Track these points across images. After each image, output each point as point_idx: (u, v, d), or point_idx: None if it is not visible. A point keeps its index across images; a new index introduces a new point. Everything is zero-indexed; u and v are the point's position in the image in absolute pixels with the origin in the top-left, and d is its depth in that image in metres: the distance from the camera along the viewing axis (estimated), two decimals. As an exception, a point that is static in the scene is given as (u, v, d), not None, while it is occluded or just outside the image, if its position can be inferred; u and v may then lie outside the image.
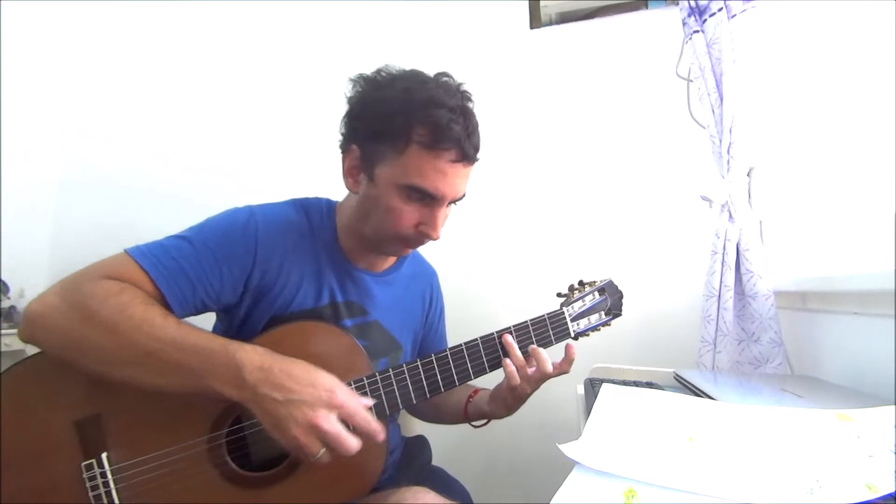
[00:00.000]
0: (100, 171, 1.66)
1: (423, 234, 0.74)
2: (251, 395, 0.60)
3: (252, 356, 0.61)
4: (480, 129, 0.75)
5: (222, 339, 0.63)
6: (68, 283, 0.65)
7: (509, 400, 0.79)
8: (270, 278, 0.74)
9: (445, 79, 0.75)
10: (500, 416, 0.83)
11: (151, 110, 1.67)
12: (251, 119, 1.61)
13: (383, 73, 0.75)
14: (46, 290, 0.65)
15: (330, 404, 0.60)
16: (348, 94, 0.77)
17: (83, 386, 0.65)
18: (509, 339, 0.75)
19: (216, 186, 1.59)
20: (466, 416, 0.88)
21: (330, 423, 0.59)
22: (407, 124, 0.70)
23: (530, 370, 0.75)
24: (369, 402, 0.66)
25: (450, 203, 0.75)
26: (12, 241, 1.49)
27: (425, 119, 0.69)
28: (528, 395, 0.78)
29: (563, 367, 0.76)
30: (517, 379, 0.75)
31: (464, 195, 0.76)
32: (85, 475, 0.63)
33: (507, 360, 0.75)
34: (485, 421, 0.87)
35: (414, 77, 0.74)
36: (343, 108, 0.78)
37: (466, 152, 0.72)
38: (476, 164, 0.76)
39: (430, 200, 0.73)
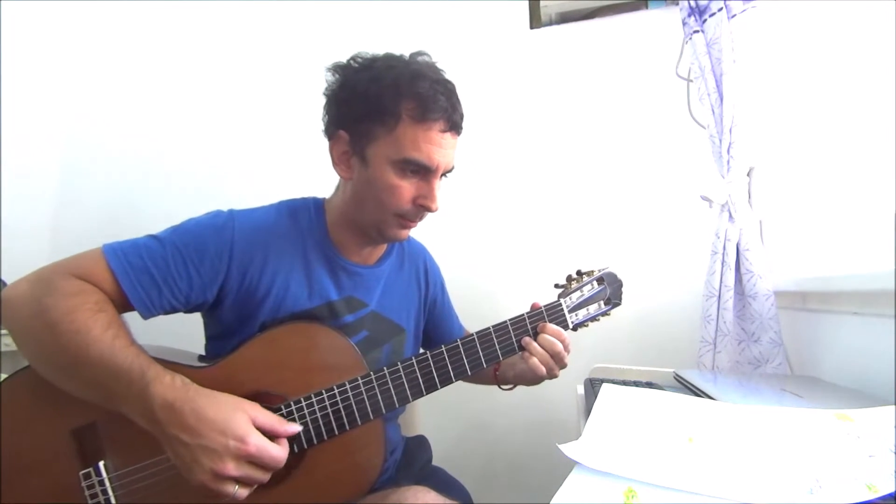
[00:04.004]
0: (101, 160, 1.65)
1: (422, 207, 0.75)
2: (160, 432, 0.59)
3: (165, 391, 0.59)
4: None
5: (146, 363, 0.61)
6: (41, 273, 0.65)
7: (533, 381, 0.81)
8: (252, 281, 0.74)
9: (423, 56, 0.78)
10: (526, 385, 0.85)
11: (154, 94, 1.66)
12: (255, 103, 1.60)
13: (358, 59, 0.77)
14: (23, 277, 0.65)
15: (237, 454, 0.58)
16: (328, 81, 0.78)
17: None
18: (530, 341, 0.76)
19: (219, 172, 1.58)
20: (496, 380, 0.89)
21: (238, 469, 0.59)
22: (396, 100, 0.71)
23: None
24: (296, 428, 0.65)
25: (442, 175, 0.77)
26: (12, 235, 1.48)
27: (413, 93, 0.71)
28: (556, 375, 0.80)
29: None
30: (550, 372, 0.78)
31: (454, 167, 0.78)
32: (83, 483, 0.63)
33: (536, 361, 0.76)
34: (512, 386, 0.88)
35: (392, 57, 0.77)
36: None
37: (454, 122, 0.75)
38: (462, 135, 0.78)
39: (425, 173, 0.74)
